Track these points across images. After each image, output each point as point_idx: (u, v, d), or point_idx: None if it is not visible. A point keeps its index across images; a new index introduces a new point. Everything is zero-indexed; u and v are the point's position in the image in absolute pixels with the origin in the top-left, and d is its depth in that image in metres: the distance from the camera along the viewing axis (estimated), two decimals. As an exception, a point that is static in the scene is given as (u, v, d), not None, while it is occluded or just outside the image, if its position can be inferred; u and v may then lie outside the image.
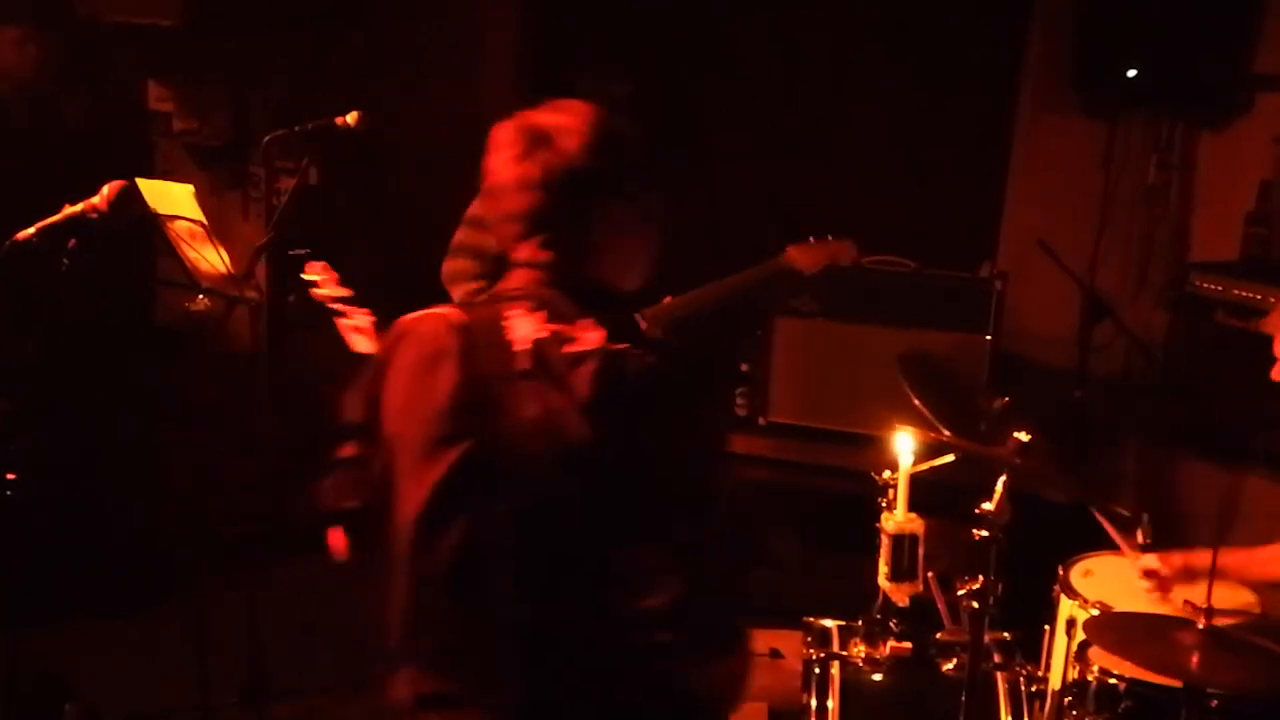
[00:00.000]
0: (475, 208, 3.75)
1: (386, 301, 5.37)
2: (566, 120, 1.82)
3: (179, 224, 3.26)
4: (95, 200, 2.99)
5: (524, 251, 1.85)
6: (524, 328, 1.76)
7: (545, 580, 1.76)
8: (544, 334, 1.75)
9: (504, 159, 1.82)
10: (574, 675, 1.77)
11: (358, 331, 2.33)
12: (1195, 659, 2.17)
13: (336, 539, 2.00)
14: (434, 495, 1.76)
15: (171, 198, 3.29)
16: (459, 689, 1.80)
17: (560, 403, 1.71)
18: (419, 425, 1.79)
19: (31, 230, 2.93)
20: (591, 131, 1.82)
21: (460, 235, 3.74)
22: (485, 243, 3.72)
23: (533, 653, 1.77)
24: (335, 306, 2.38)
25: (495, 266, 3.65)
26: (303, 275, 2.44)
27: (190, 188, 3.35)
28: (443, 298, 3.75)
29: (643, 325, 3.59)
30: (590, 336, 1.73)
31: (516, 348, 1.75)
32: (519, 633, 1.77)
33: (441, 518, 1.76)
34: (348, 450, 1.94)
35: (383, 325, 2.19)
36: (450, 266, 3.74)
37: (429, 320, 1.85)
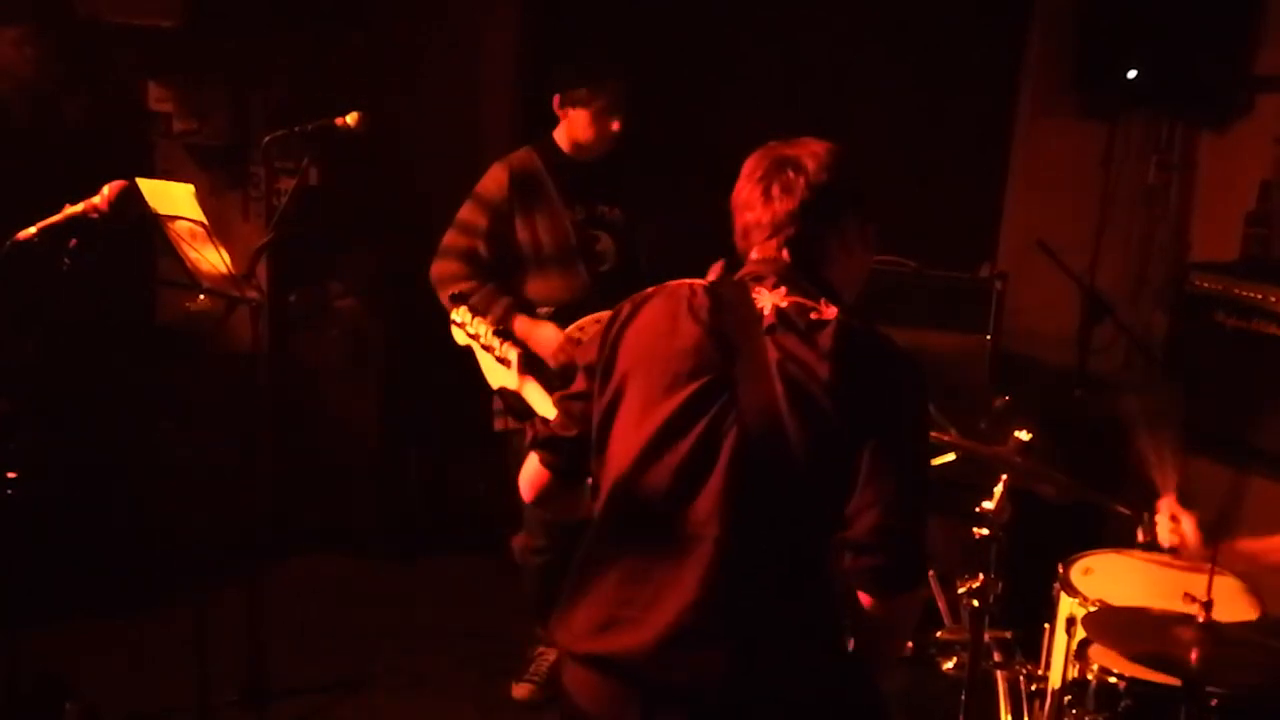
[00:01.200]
0: (465, 212, 3.76)
1: (386, 300, 5.42)
2: (813, 148, 2.18)
3: (179, 224, 3.26)
4: (96, 200, 2.99)
5: (764, 250, 2.08)
6: (769, 297, 2.00)
7: (755, 506, 1.91)
8: (786, 303, 1.99)
9: (753, 178, 2.17)
10: (772, 603, 1.92)
11: (504, 363, 2.42)
12: (1194, 654, 2.18)
13: (533, 473, 2.17)
14: (669, 419, 1.96)
15: (172, 198, 3.29)
16: (638, 613, 1.93)
17: (805, 354, 1.92)
18: (663, 361, 2.00)
19: (32, 230, 2.93)
20: (833, 158, 2.16)
21: (449, 238, 3.75)
22: (476, 246, 3.73)
23: (732, 570, 1.90)
24: (481, 345, 2.44)
25: (485, 269, 3.68)
26: (452, 318, 2.49)
27: (190, 188, 3.35)
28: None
29: None
30: (830, 309, 1.98)
31: (762, 309, 1.99)
32: (721, 553, 1.90)
33: (670, 439, 1.95)
34: (578, 386, 2.13)
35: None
36: (440, 268, 3.75)
37: (680, 284, 2.10)
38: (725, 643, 1.89)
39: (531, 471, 2.18)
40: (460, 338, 2.45)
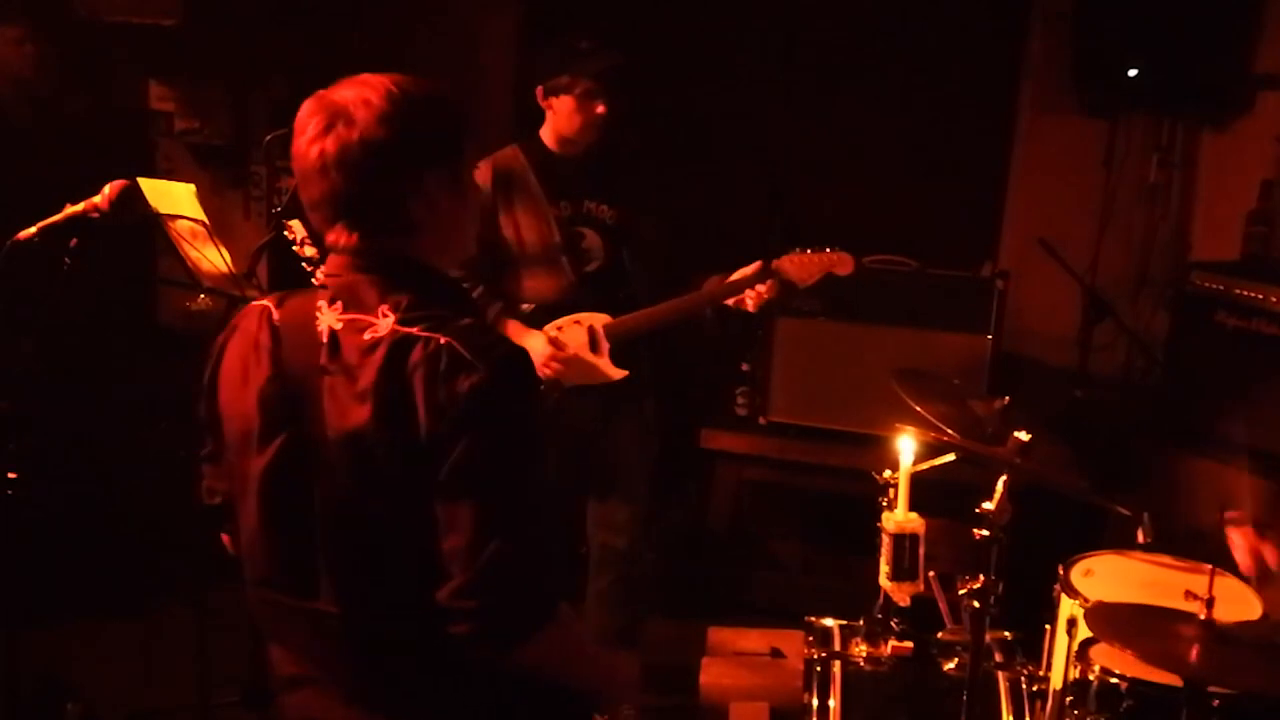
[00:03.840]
0: None
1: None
2: (361, 93, 1.72)
3: (180, 223, 3.26)
4: (97, 200, 2.98)
5: (333, 236, 1.78)
6: (327, 317, 1.75)
7: (357, 575, 1.76)
8: (339, 325, 1.73)
9: (303, 142, 1.75)
10: (397, 664, 1.79)
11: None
12: (1195, 651, 2.17)
13: (223, 536, 2.08)
14: (259, 491, 1.78)
15: (173, 197, 3.29)
16: (309, 671, 1.87)
17: (347, 398, 1.69)
18: (241, 420, 1.80)
19: (33, 230, 2.92)
20: (387, 102, 1.70)
21: None
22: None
23: (356, 645, 1.79)
24: (310, 268, 2.41)
25: (476, 270, 3.67)
26: (284, 234, 2.45)
27: (191, 187, 3.35)
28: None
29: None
30: (383, 323, 1.70)
31: (321, 340, 1.74)
32: (343, 626, 1.78)
33: (268, 513, 1.79)
34: (204, 447, 2.01)
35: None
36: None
37: (250, 314, 1.86)
38: None
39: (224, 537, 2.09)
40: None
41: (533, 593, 1.71)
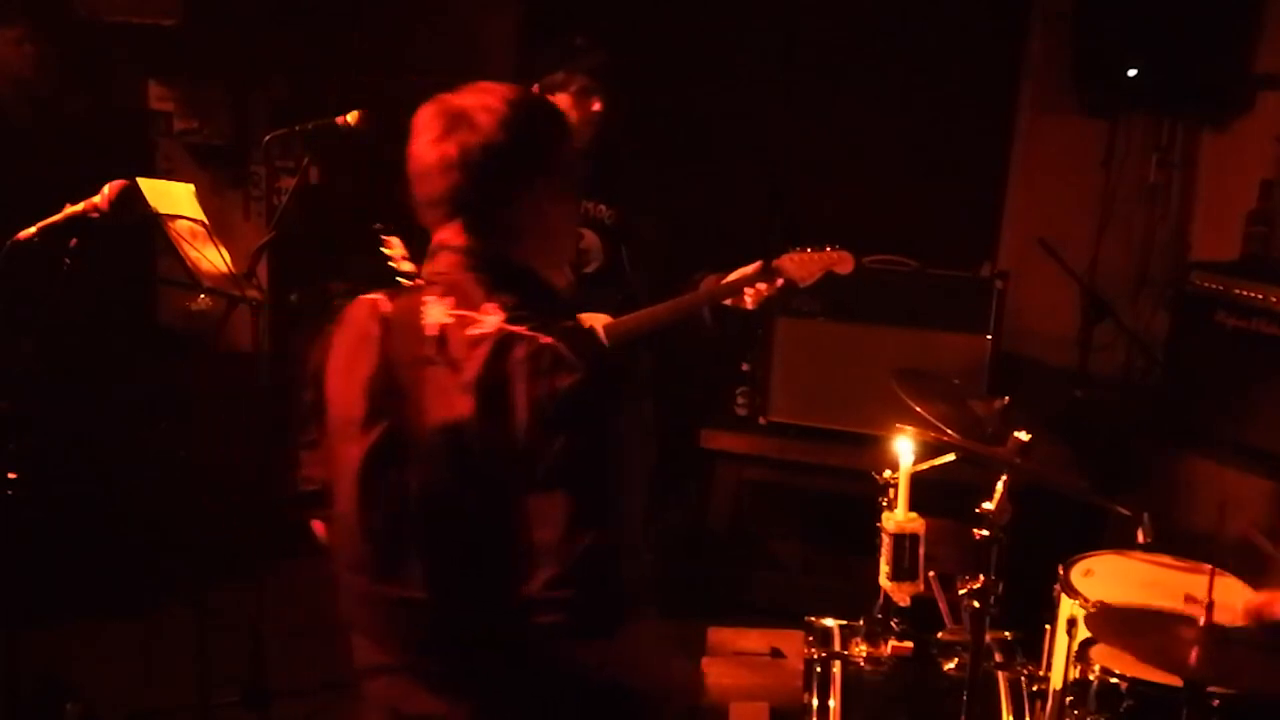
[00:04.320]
0: None
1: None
2: (484, 99, 1.81)
3: (180, 223, 3.26)
4: (96, 199, 2.98)
5: (445, 234, 1.85)
6: (434, 313, 1.80)
7: (448, 564, 1.79)
8: (448, 319, 1.78)
9: (423, 142, 1.82)
10: (482, 654, 1.82)
11: None
12: (1195, 654, 2.17)
13: (314, 523, 2.11)
14: (357, 477, 1.82)
15: (172, 197, 3.29)
16: (393, 660, 1.89)
17: (452, 389, 1.73)
18: (345, 407, 1.86)
19: (33, 230, 2.93)
20: (508, 108, 1.80)
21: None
22: None
23: (444, 633, 1.83)
24: (405, 282, 2.46)
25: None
26: (382, 248, 2.53)
27: (191, 187, 3.35)
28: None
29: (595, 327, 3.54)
30: (490, 320, 1.75)
31: (426, 333, 1.79)
32: (432, 613, 1.81)
33: (364, 499, 1.83)
34: (307, 433, 2.04)
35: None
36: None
37: (359, 306, 1.93)
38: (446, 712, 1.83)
39: (315, 526, 2.13)
40: None
41: (621, 588, 1.76)
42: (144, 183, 3.16)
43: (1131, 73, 4.38)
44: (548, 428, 1.69)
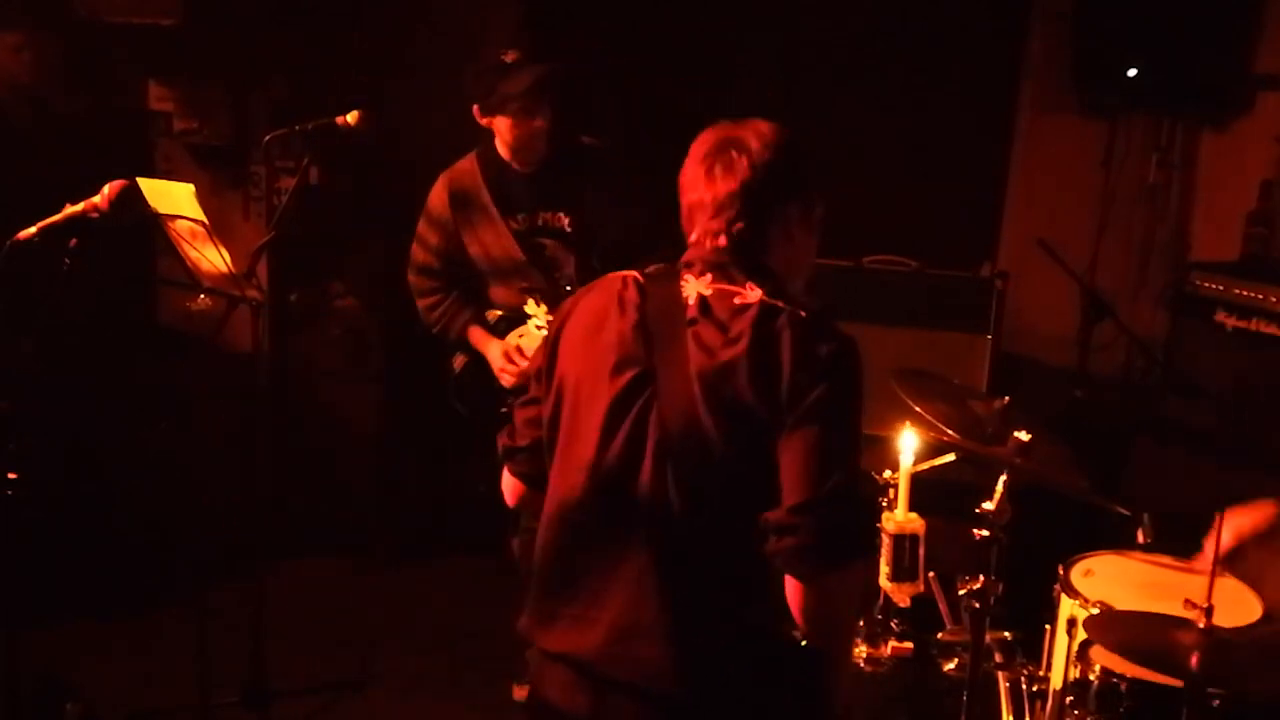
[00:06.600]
0: (421, 227, 3.76)
1: (386, 300, 5.40)
2: (755, 128, 2.07)
3: (180, 223, 3.26)
4: (96, 200, 2.98)
5: (704, 234, 2.06)
6: (693, 287, 2.01)
7: (687, 496, 1.92)
8: (709, 291, 1.99)
9: (700, 157, 2.07)
10: (710, 594, 1.94)
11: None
12: (1195, 658, 2.17)
13: (508, 483, 2.24)
14: (600, 418, 1.99)
15: (172, 197, 3.29)
16: (585, 610, 2.00)
17: (720, 343, 1.93)
18: (594, 359, 2.03)
19: (33, 230, 2.93)
20: (775, 135, 2.06)
21: (412, 251, 3.80)
22: (431, 261, 3.74)
23: (672, 576, 1.93)
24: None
25: (447, 281, 3.69)
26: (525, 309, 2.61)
27: (191, 187, 3.35)
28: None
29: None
30: (752, 294, 1.96)
31: (687, 300, 1.99)
32: (662, 554, 1.94)
33: (603, 438, 1.99)
34: (530, 392, 2.18)
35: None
36: (410, 280, 3.82)
37: (612, 279, 2.11)
38: (666, 639, 1.92)
39: (507, 481, 2.24)
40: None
41: (858, 525, 1.94)
42: (144, 183, 3.16)
43: (1131, 73, 4.38)
44: (809, 379, 1.89)
